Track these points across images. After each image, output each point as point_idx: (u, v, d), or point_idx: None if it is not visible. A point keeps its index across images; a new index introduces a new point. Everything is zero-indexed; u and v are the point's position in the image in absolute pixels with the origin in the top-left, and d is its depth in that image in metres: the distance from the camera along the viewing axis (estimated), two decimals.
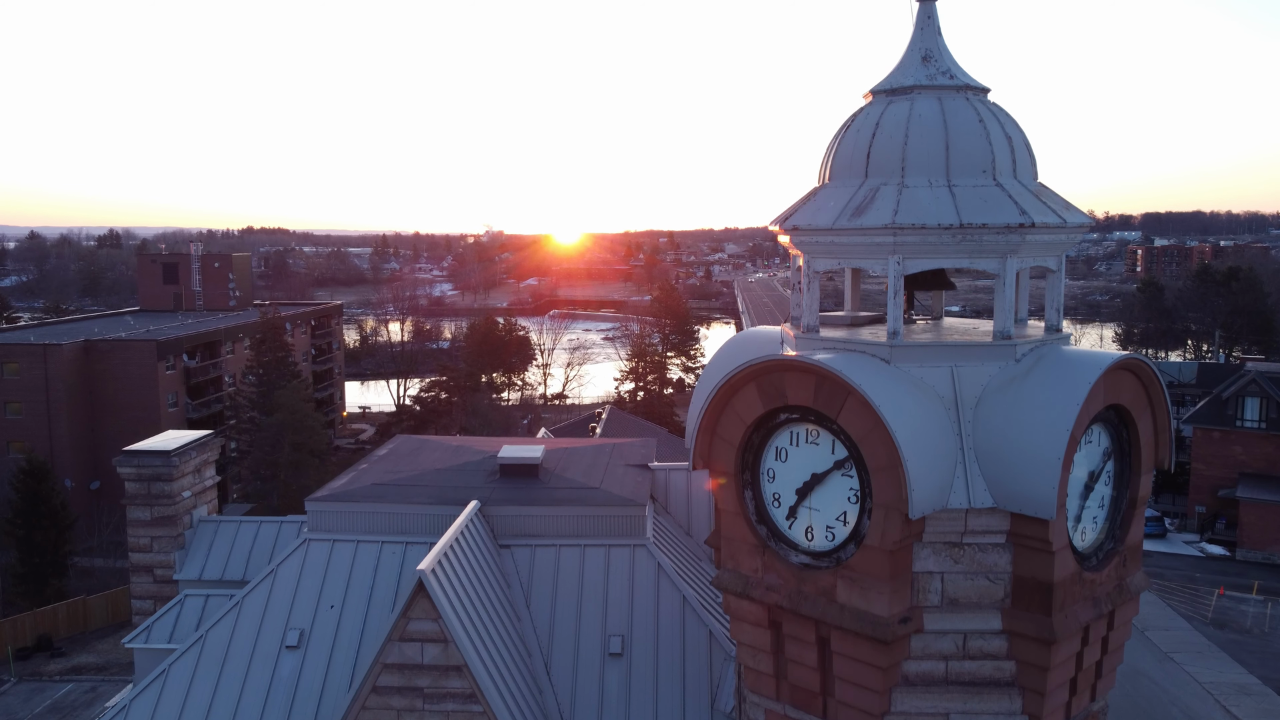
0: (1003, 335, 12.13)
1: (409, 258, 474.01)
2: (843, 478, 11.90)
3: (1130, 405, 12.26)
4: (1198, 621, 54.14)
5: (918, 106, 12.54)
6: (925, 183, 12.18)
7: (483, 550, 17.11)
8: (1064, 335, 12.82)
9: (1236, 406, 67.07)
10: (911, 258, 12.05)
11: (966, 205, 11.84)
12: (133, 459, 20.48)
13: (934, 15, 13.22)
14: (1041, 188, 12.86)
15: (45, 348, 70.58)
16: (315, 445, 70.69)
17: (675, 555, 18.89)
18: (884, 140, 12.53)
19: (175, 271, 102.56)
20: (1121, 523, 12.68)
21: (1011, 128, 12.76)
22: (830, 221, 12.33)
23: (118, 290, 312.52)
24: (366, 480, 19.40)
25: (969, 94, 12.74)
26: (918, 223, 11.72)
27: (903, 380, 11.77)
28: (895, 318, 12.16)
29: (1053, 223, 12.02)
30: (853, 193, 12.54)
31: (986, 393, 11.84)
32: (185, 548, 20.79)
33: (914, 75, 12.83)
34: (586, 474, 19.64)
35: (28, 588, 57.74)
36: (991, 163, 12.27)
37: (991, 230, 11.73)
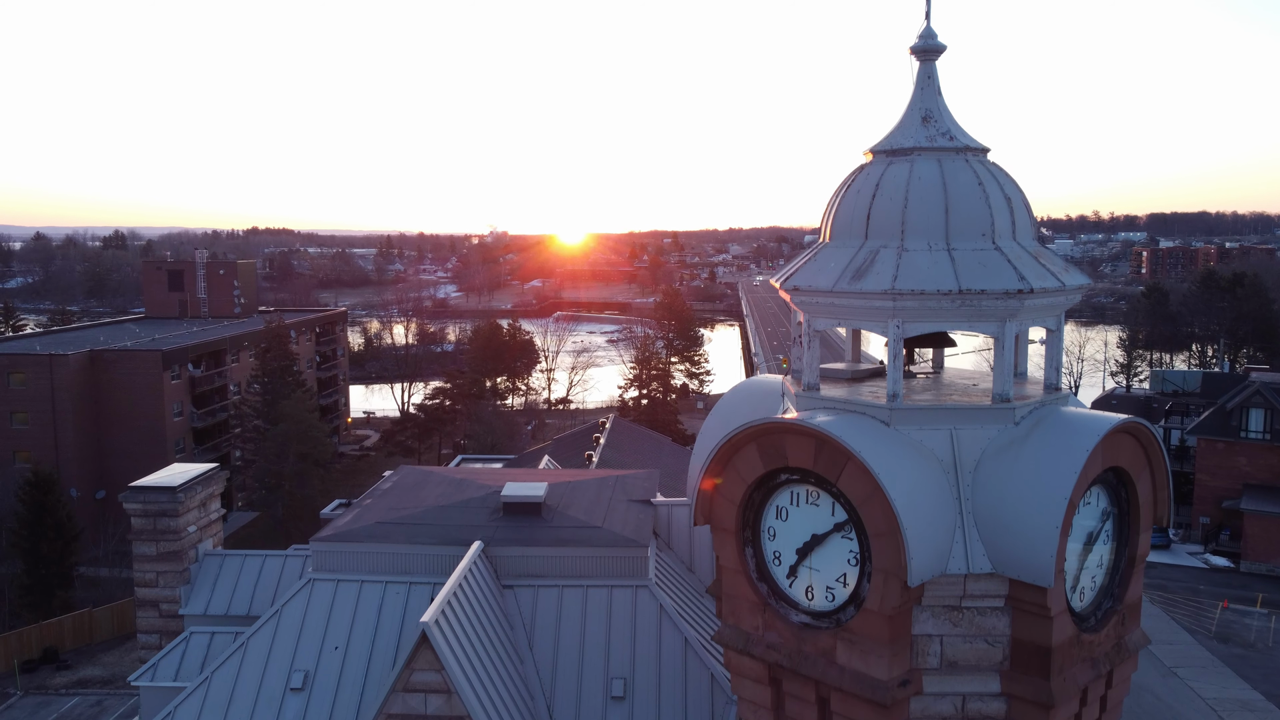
0: (1002, 398, 12.19)
1: (413, 259, 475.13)
2: (842, 540, 11.98)
3: (1129, 466, 12.33)
4: (1201, 635, 54.15)
5: (917, 169, 12.62)
6: (925, 246, 12.26)
7: (486, 593, 17.22)
8: (1063, 395, 12.88)
9: (1241, 417, 67.02)
10: (911, 321, 12.13)
11: (966, 270, 11.92)
12: (138, 495, 20.62)
13: (934, 75, 13.29)
14: (1040, 249, 12.94)
15: (51, 358, 70.88)
16: (320, 455, 70.93)
17: (678, 595, 18.99)
18: (884, 202, 12.61)
19: (180, 278, 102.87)
20: (1120, 581, 12.74)
21: (1011, 188, 12.84)
22: (830, 284, 12.42)
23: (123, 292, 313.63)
24: (370, 518, 19.51)
25: (969, 155, 12.82)
26: (917, 288, 11.80)
27: (902, 444, 11.85)
28: (895, 380, 12.23)
29: (1051, 287, 12.09)
30: (852, 254, 12.63)
31: (985, 456, 11.92)
32: (190, 582, 20.93)
33: (914, 136, 12.90)
34: (589, 512, 19.73)
35: (34, 599, 57.98)
36: (991, 226, 12.34)
37: (991, 296, 11.80)
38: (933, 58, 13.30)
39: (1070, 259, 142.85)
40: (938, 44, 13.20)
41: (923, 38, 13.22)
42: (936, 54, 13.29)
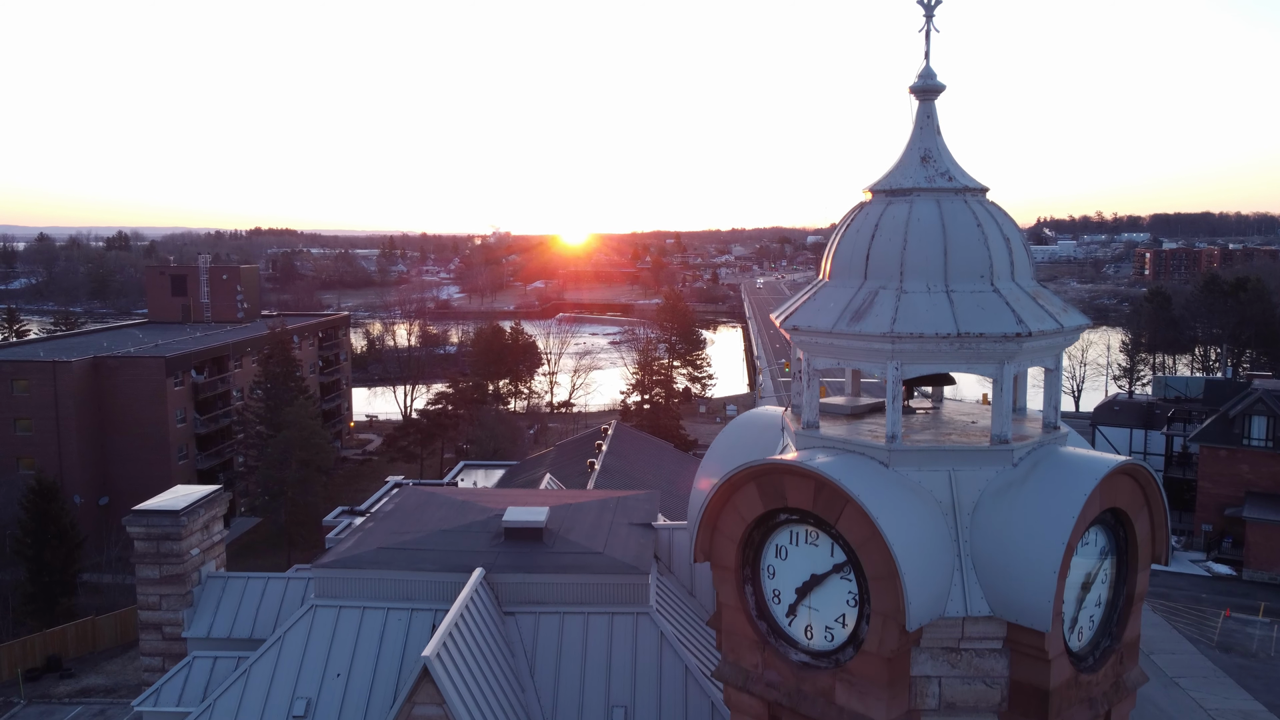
0: (1000, 439, 12.24)
1: (416, 260, 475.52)
2: (841, 580, 12.03)
3: (1127, 507, 12.38)
4: (1203, 644, 54.06)
5: (916, 209, 12.68)
6: (924, 288, 12.31)
7: (487, 622, 17.28)
8: (1061, 434, 12.93)
9: (1243, 425, 66.93)
10: (910, 363, 12.18)
11: (964, 313, 11.97)
12: (142, 518, 20.70)
13: (933, 115, 13.35)
14: (1039, 289, 12.99)
15: (55, 365, 71.03)
16: (322, 461, 70.99)
17: (678, 620, 19.05)
18: (883, 243, 12.67)
19: (184, 283, 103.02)
20: (1118, 620, 12.79)
21: (1009, 228, 12.90)
22: (830, 325, 12.48)
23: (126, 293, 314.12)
24: (372, 543, 19.58)
25: (967, 196, 12.87)
26: (916, 331, 11.86)
27: (900, 487, 11.89)
28: (894, 421, 12.28)
29: (1049, 329, 12.15)
30: (852, 294, 12.68)
31: (984, 499, 11.97)
32: (193, 605, 21.00)
33: (913, 177, 12.95)
34: (590, 536, 19.79)
35: (37, 606, 58.09)
36: (989, 267, 12.40)
37: (989, 339, 11.86)
38: (931, 97, 13.36)
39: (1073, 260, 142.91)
40: (937, 84, 13.26)
41: (922, 78, 13.28)
42: (935, 94, 13.35)
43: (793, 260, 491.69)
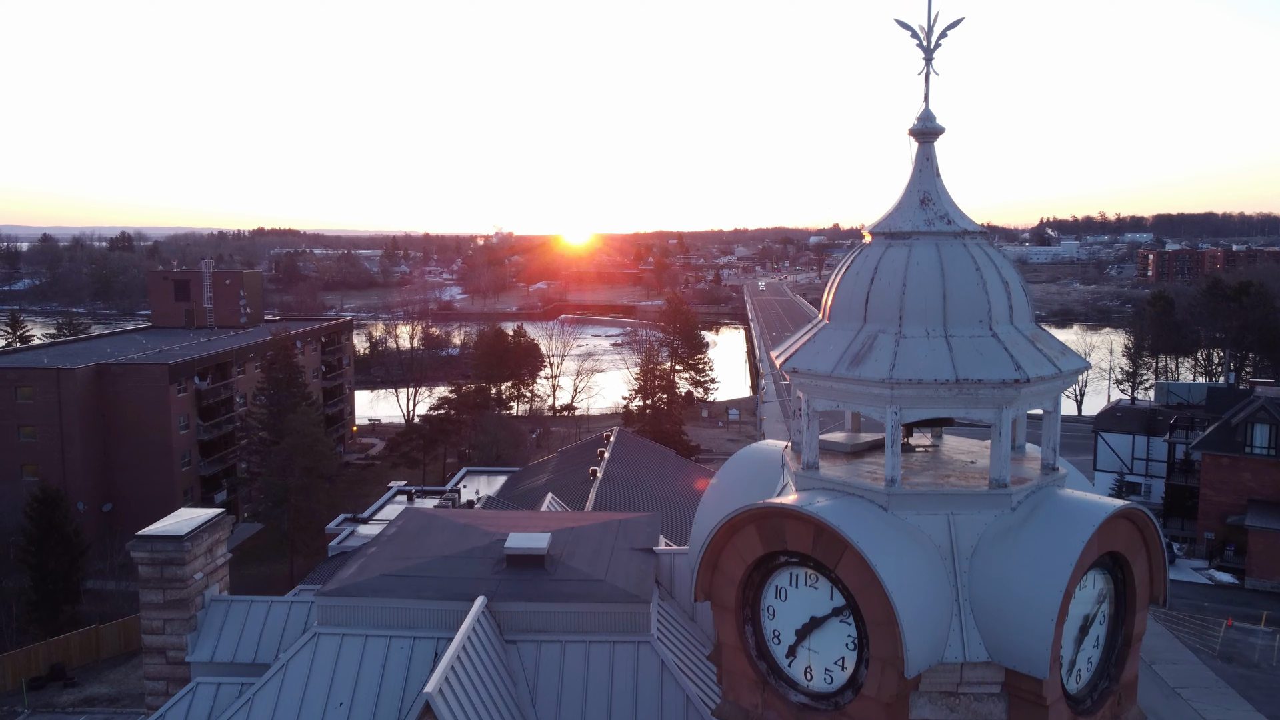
0: (999, 483, 12.30)
1: (419, 260, 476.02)
2: (841, 624, 12.10)
3: (1125, 550, 12.44)
4: (1205, 655, 54.10)
5: (916, 253, 12.74)
6: (923, 332, 12.38)
7: (489, 652, 17.37)
8: (1060, 475, 12.99)
9: (1246, 433, 66.92)
10: (909, 408, 12.25)
11: (963, 359, 12.03)
12: (146, 544, 20.80)
13: (932, 156, 13.42)
14: (1038, 331, 13.05)
15: (59, 372, 71.27)
16: (325, 468, 71.16)
17: (679, 648, 19.14)
18: (882, 287, 12.74)
19: (187, 288, 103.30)
20: (1117, 661, 12.85)
21: (1008, 272, 12.96)
22: (829, 369, 12.55)
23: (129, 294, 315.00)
24: (374, 570, 19.67)
25: (966, 239, 12.95)
26: (914, 378, 11.92)
27: (900, 531, 11.96)
28: (893, 465, 12.34)
29: (1048, 374, 12.21)
30: (851, 338, 12.75)
31: (982, 543, 12.03)
32: (197, 629, 21.10)
33: (912, 220, 13.02)
34: (592, 563, 19.87)
35: (41, 614, 58.29)
36: (988, 312, 12.46)
37: (988, 385, 11.92)
38: (931, 139, 13.43)
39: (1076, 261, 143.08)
40: (936, 126, 13.33)
41: (921, 120, 13.35)
42: (935, 136, 13.42)
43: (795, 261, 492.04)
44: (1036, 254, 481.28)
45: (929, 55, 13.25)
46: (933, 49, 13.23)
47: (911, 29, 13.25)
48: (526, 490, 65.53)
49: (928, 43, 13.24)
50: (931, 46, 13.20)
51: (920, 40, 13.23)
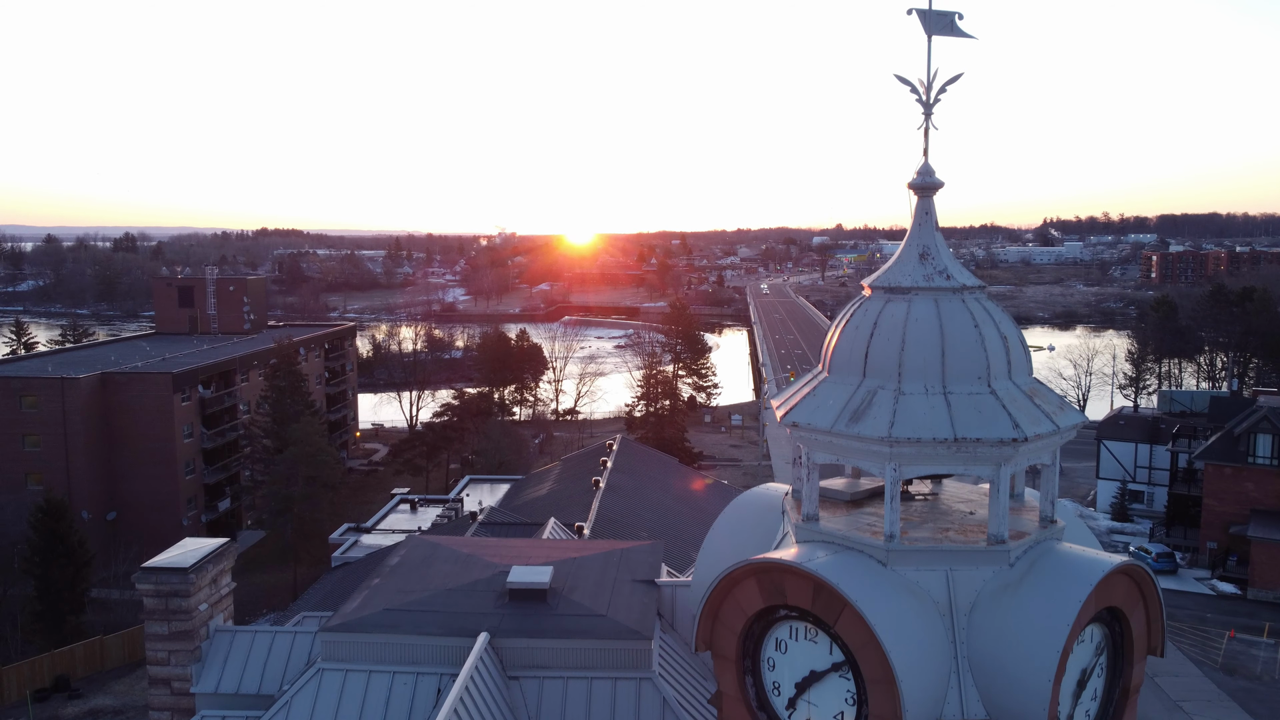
0: (997, 539, 12.39)
1: (422, 261, 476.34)
2: (840, 679, 12.20)
3: (1122, 604, 12.53)
4: (1208, 667, 54.12)
5: (915, 309, 12.83)
6: (921, 389, 12.47)
7: (491, 690, 17.48)
8: (1058, 528, 13.07)
9: (1248, 443, 66.90)
10: (908, 465, 12.34)
11: (961, 417, 12.12)
12: (151, 576, 20.89)
13: (931, 211, 13.51)
14: (1036, 385, 13.14)
15: (63, 381, 71.48)
16: (328, 478, 71.31)
17: (681, 683, 19.24)
18: (881, 342, 12.83)
19: (191, 295, 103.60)
20: (1114, 713, 12.94)
21: (1006, 326, 13.04)
22: (829, 424, 12.64)
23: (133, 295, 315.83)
24: (378, 603, 19.77)
25: (965, 294, 13.03)
26: (913, 436, 12.01)
27: (898, 589, 12.05)
28: (892, 520, 12.43)
29: (1045, 431, 12.30)
30: (850, 393, 12.84)
31: (980, 599, 12.12)
32: (202, 660, 21.22)
33: (911, 275, 13.11)
34: (594, 597, 19.97)
35: (45, 625, 58.48)
36: (986, 368, 12.55)
37: (986, 444, 12.01)
38: (930, 194, 13.52)
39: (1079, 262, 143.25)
40: (935, 181, 13.42)
41: (921, 174, 13.44)
42: (934, 190, 13.51)
43: (798, 262, 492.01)
44: (1040, 254, 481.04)
45: (928, 110, 13.34)
46: (932, 104, 13.32)
47: (911, 84, 13.33)
48: (529, 500, 65.69)
49: (927, 97, 13.33)
50: (930, 101, 13.29)
51: (919, 95, 13.32)
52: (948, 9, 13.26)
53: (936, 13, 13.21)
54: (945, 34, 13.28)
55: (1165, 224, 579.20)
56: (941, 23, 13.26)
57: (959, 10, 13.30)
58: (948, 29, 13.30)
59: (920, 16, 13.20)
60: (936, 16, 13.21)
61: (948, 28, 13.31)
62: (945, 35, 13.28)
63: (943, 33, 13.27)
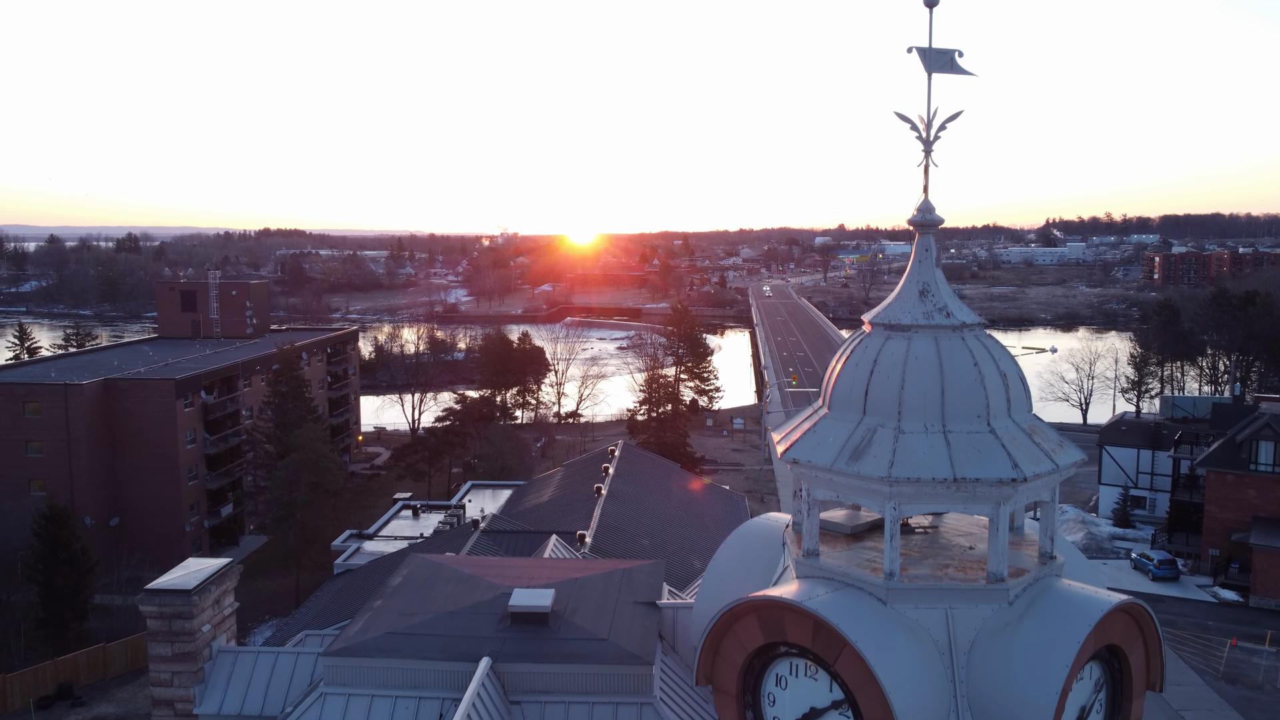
0: (996, 577, 12.44)
1: (424, 262, 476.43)
2: (840, 717, 12.24)
3: (1121, 641, 12.58)
4: (1209, 676, 54.12)
5: (914, 347, 12.88)
6: (921, 428, 12.53)
7: (494, 715, 17.54)
8: (1058, 564, 13.12)
9: (1250, 450, 66.86)
10: (908, 503, 12.39)
11: (961, 457, 12.17)
12: (154, 598, 20.97)
13: (931, 247, 13.57)
14: (1035, 423, 13.18)
15: (66, 387, 71.64)
16: (331, 484, 71.40)
17: (683, 706, 19.29)
18: (881, 380, 12.88)
19: (193, 299, 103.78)
20: None
21: (1006, 363, 13.09)
22: (829, 462, 12.69)
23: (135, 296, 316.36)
24: (381, 626, 19.84)
25: (964, 332, 13.07)
26: (913, 476, 12.07)
27: (898, 627, 12.11)
28: (892, 559, 12.49)
29: (1044, 470, 12.35)
30: (851, 430, 12.89)
31: (979, 638, 12.17)
32: (205, 681, 21.30)
33: (911, 312, 13.17)
34: (595, 619, 20.02)
35: (49, 631, 58.60)
36: (985, 407, 12.60)
37: (985, 484, 12.07)
38: (930, 230, 13.59)
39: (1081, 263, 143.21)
40: (935, 218, 13.49)
41: (921, 211, 13.50)
42: (934, 227, 13.57)
43: (800, 262, 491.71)
44: (1042, 255, 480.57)
45: (928, 147, 13.40)
46: (932, 141, 13.38)
47: (911, 121, 13.39)
48: (531, 507, 65.79)
49: (927, 134, 13.39)
50: (930, 139, 13.35)
51: (919, 133, 13.38)
52: (947, 47, 13.32)
53: (936, 51, 13.27)
54: (945, 72, 13.33)
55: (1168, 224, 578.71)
56: (941, 61, 13.31)
57: (958, 48, 13.36)
58: (948, 67, 13.36)
59: (920, 54, 13.25)
60: (936, 54, 13.27)
61: (947, 65, 13.37)
62: (945, 73, 13.33)
63: (942, 70, 13.32)
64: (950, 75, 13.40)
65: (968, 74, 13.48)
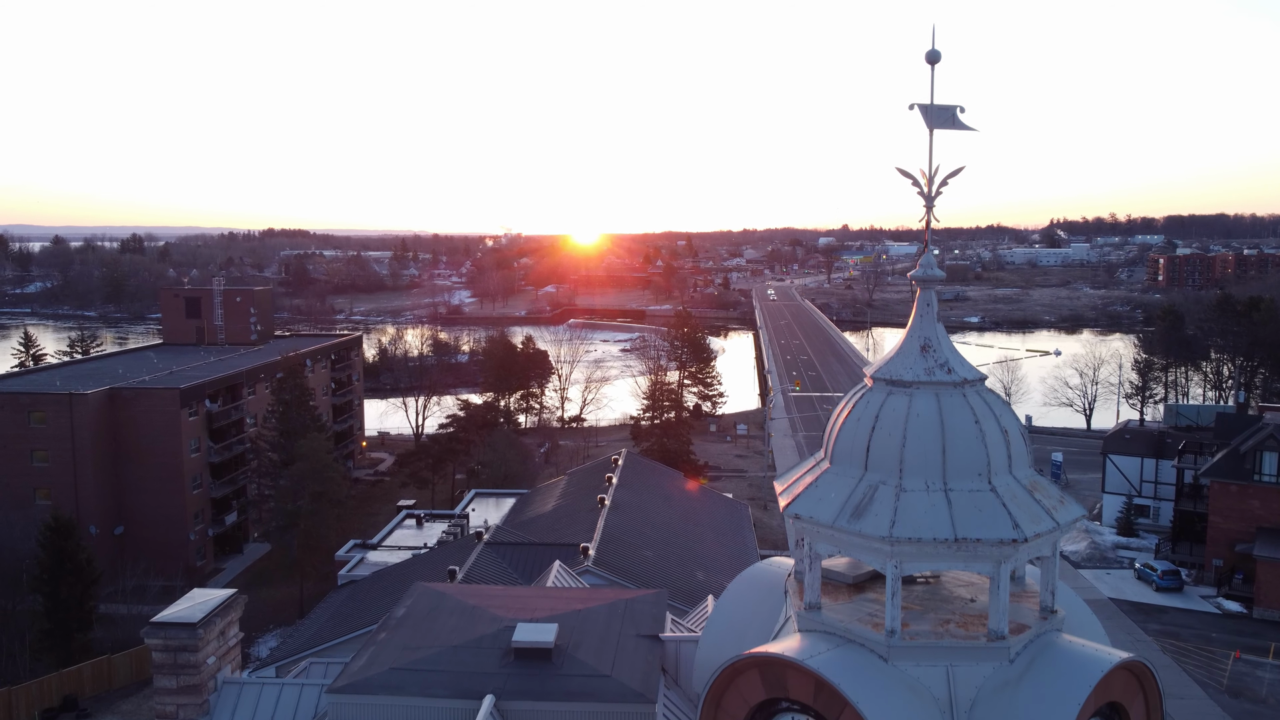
0: (997, 635, 12.48)
1: (428, 263, 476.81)
2: None
3: (1122, 697, 12.62)
4: (1213, 689, 54.08)
5: (916, 404, 12.94)
6: (922, 485, 12.58)
7: None
8: (1059, 619, 13.16)
9: (1254, 460, 66.80)
10: (909, 562, 12.45)
11: (962, 517, 12.22)
12: (159, 631, 21.08)
13: (933, 303, 13.61)
14: (1036, 479, 13.22)
15: (71, 397, 71.84)
16: (334, 494, 71.56)
17: None
18: (883, 436, 12.94)
19: (198, 305, 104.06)
20: None
21: (1007, 419, 13.14)
22: (830, 520, 12.75)
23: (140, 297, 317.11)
24: (385, 662, 19.94)
25: (965, 388, 13.12)
26: (914, 536, 12.13)
27: (899, 686, 12.15)
28: (893, 617, 12.54)
29: (1045, 529, 12.40)
30: (852, 487, 12.95)
31: (981, 696, 12.21)
32: (210, 712, 21.41)
33: (913, 369, 13.21)
34: (598, 655, 20.11)
35: (54, 642, 58.76)
36: (986, 465, 12.66)
37: (986, 544, 12.12)
38: (932, 286, 13.64)
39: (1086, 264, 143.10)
40: (936, 274, 13.54)
41: (923, 266, 13.55)
42: (935, 283, 13.63)
43: (804, 264, 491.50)
44: (1046, 256, 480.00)
45: (930, 203, 13.46)
46: (934, 196, 13.44)
47: (913, 177, 13.45)
48: (534, 517, 65.89)
49: (929, 190, 13.45)
50: (933, 194, 13.41)
51: (921, 189, 13.43)
52: (949, 103, 13.37)
53: (938, 107, 13.32)
54: (946, 128, 13.39)
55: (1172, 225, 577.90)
56: (943, 117, 13.37)
57: (960, 104, 13.41)
58: (949, 123, 13.42)
59: (922, 111, 13.31)
60: (938, 111, 13.33)
61: (949, 121, 13.42)
62: (946, 129, 13.39)
63: (944, 126, 13.38)
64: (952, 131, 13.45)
65: (969, 129, 13.53)
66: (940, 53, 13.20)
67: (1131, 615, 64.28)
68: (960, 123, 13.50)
